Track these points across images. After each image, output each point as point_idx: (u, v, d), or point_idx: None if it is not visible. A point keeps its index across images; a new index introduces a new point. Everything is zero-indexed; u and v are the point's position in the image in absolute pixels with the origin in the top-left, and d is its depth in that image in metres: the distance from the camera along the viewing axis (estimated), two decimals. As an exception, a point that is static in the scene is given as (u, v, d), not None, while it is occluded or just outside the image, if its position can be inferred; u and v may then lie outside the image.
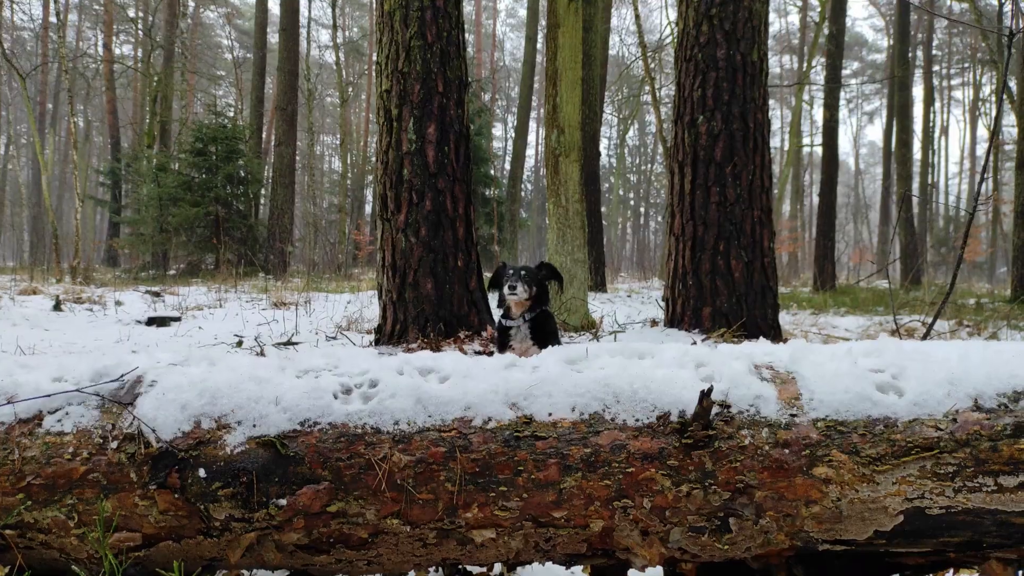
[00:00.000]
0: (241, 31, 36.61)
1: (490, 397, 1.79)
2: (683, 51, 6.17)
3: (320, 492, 1.72)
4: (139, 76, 26.23)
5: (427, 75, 5.23)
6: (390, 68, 5.27)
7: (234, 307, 9.73)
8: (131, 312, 8.62)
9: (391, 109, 5.28)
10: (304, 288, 12.94)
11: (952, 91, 42.32)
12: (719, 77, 5.87)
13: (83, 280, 14.09)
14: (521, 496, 1.72)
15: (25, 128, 40.79)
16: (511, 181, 26.22)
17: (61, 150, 37.45)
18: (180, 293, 11.88)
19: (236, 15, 36.79)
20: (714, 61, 5.86)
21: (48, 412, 1.85)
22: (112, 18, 26.57)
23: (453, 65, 5.33)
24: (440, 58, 5.24)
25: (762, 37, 5.90)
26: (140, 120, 26.41)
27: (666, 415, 1.74)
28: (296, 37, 20.19)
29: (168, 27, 22.89)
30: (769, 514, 1.69)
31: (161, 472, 1.74)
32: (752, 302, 5.78)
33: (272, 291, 12.38)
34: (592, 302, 11.48)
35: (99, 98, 30.95)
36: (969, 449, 1.66)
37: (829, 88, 15.02)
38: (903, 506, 1.66)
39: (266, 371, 1.90)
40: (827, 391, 1.75)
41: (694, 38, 6.00)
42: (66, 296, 9.99)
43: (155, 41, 23.40)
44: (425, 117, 5.20)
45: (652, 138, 44.57)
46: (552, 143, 7.81)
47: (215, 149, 18.42)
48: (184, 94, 24.81)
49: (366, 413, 1.78)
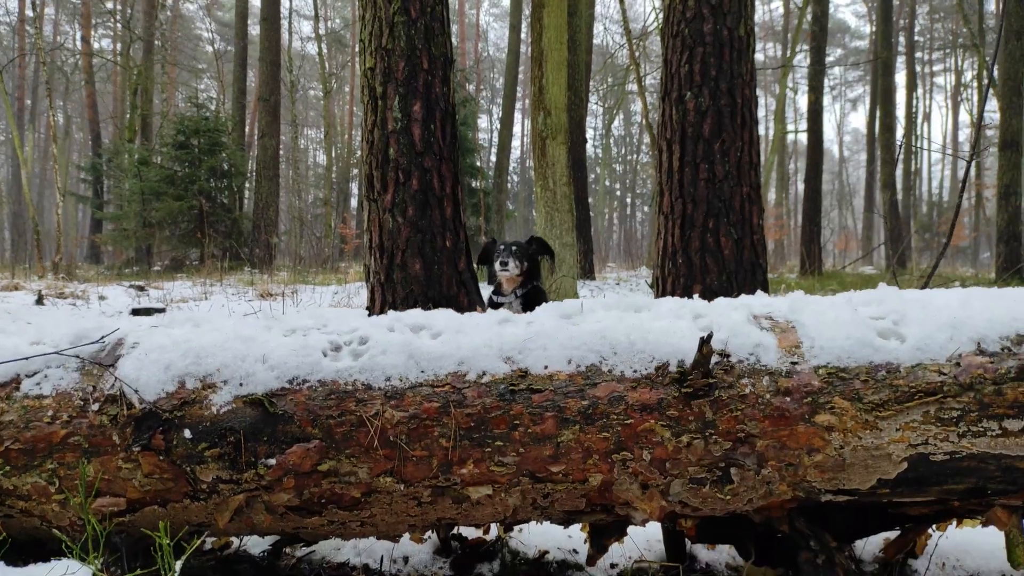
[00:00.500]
0: (221, 23, 36.21)
1: (484, 351, 1.74)
2: (669, 27, 6.12)
3: (310, 451, 1.67)
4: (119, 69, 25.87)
5: (411, 52, 5.15)
6: (374, 45, 5.19)
7: (220, 299, 9.61)
8: (115, 306, 8.49)
9: (375, 87, 5.20)
10: (291, 280, 12.82)
11: (934, 77, 42.59)
12: (706, 52, 5.82)
13: (66, 276, 13.88)
14: (517, 451, 1.67)
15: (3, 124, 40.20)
16: (497, 172, 26.13)
17: (41, 146, 36.94)
18: (165, 287, 11.73)
19: (216, 6, 36.38)
20: (701, 36, 5.81)
21: (26, 375, 1.78)
22: (90, 10, 26.18)
23: (438, 41, 5.25)
24: (425, 34, 5.16)
25: (749, 11, 5.87)
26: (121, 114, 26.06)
27: (664, 365, 1.70)
28: (278, 27, 19.97)
29: (147, 19, 22.55)
30: (771, 464, 1.65)
31: (145, 434, 1.68)
32: (742, 279, 5.76)
33: (258, 284, 12.26)
34: (581, 289, 11.45)
35: (78, 92, 30.53)
36: (973, 393, 1.63)
37: (814, 71, 15.02)
38: (907, 453, 1.63)
39: (252, 330, 1.84)
40: (828, 338, 1.71)
41: (680, 13, 5.95)
42: (48, 291, 9.84)
43: (134, 34, 23.06)
44: (410, 95, 5.13)
45: (638, 128, 44.58)
46: (539, 125, 7.76)
47: (197, 142, 18.18)
48: (165, 87, 24.48)
49: (356, 370, 1.73)
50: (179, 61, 29.49)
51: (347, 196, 33.49)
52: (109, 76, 29.50)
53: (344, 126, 37.59)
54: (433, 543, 2.16)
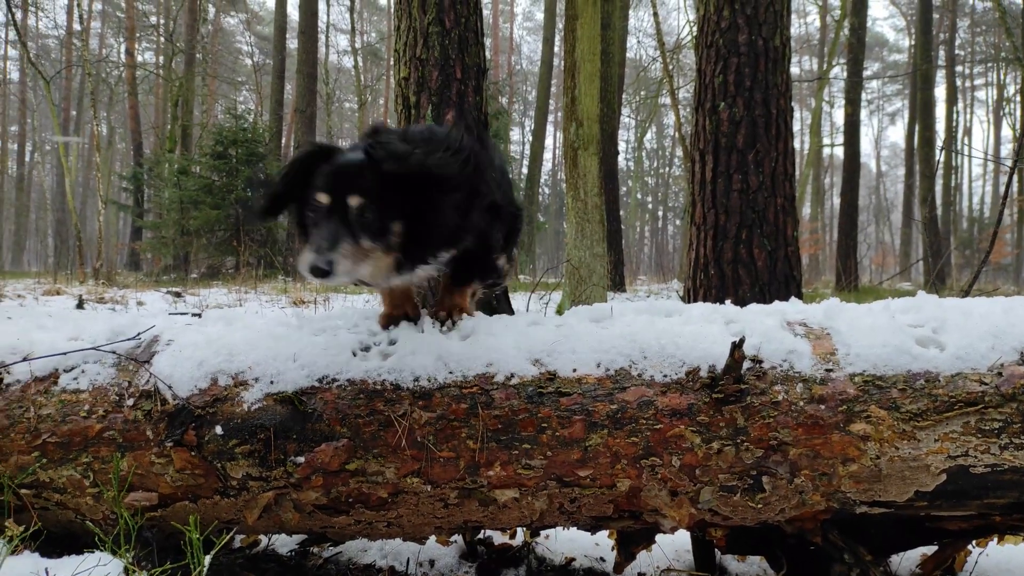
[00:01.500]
0: (261, 36, 36.95)
1: (512, 353, 1.74)
2: (703, 37, 6.09)
3: (339, 449, 1.68)
4: (161, 81, 26.53)
5: (445, 61, 5.19)
6: (408, 55, 5.24)
7: (254, 306, 9.76)
8: (152, 311, 8.66)
9: (409, 96, 5.25)
10: (324, 288, 12.96)
11: (975, 91, 41.74)
12: (740, 63, 5.77)
13: (106, 282, 14.22)
14: (545, 454, 1.66)
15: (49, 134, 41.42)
16: (529, 183, 26.19)
17: (85, 155, 37.97)
18: (200, 294, 11.95)
19: (256, 20, 37.14)
20: (735, 46, 5.78)
21: (64, 370, 1.82)
22: (134, 24, 26.91)
23: (471, 51, 5.29)
24: (458, 44, 5.20)
25: (785, 21, 5.82)
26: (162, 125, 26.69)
27: (695, 370, 1.68)
28: (315, 41, 20.33)
29: (189, 32, 23.13)
30: (804, 473, 1.62)
31: (177, 430, 1.71)
32: (776, 292, 5.67)
33: (291, 291, 12.42)
34: (611, 301, 11.40)
35: (122, 103, 31.36)
36: (1016, 404, 1.58)
37: (851, 83, 14.82)
38: (946, 464, 1.59)
39: (284, 329, 1.86)
40: (864, 345, 1.67)
41: (715, 23, 5.92)
42: (89, 296, 10.07)
43: (176, 47, 23.65)
44: (443, 104, 5.16)
45: (670, 141, 44.40)
46: (571, 136, 7.76)
47: (235, 152, 18.53)
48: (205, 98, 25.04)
49: (385, 370, 1.73)
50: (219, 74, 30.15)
51: (380, 207, 33.77)
52: (151, 88, 30.25)
53: (378, 137, 37.93)
54: (459, 547, 2.15)
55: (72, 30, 28.56)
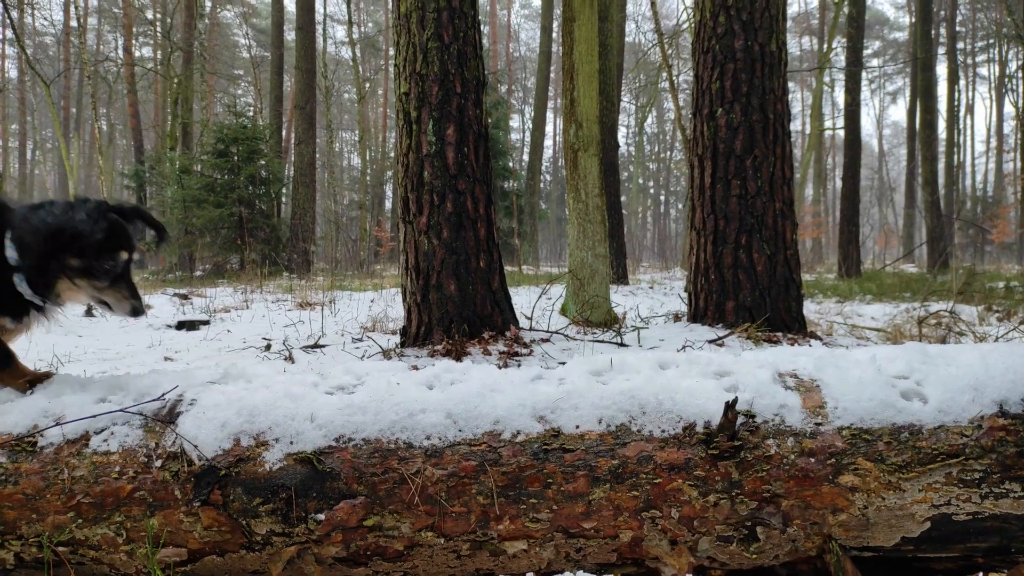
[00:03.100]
0: (258, 30, 36.86)
1: (518, 411, 1.83)
2: (700, 43, 6.14)
3: (356, 507, 1.78)
4: (160, 78, 26.53)
5: (445, 76, 5.26)
6: (408, 70, 5.31)
7: (260, 308, 9.87)
8: (161, 316, 8.77)
9: (410, 111, 5.32)
10: (328, 287, 13.08)
11: (977, 68, 41.49)
12: (737, 68, 5.83)
13: (112, 283, 14.30)
14: (551, 508, 1.76)
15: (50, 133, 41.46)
16: (530, 173, 26.21)
17: (86, 154, 38.02)
18: (207, 295, 12.06)
19: (253, 14, 37.02)
20: (732, 52, 5.83)
21: (94, 432, 1.92)
22: (132, 21, 26.88)
23: (470, 65, 5.35)
24: (457, 59, 5.27)
25: (780, 26, 5.86)
26: (162, 122, 26.73)
27: (691, 426, 1.77)
28: (312, 35, 20.31)
29: (186, 29, 23.10)
30: (796, 523, 1.72)
31: (204, 489, 1.81)
32: (776, 295, 5.76)
33: (297, 290, 12.53)
34: (614, 295, 11.48)
35: (121, 101, 31.38)
36: (995, 455, 1.68)
37: (850, 72, 14.80)
38: (930, 513, 1.68)
39: (300, 388, 1.96)
40: (852, 399, 1.77)
41: (711, 29, 5.96)
42: (97, 301, 10.17)
43: (174, 43, 23.64)
44: (444, 118, 5.24)
45: (671, 125, 44.26)
46: (571, 138, 7.81)
47: (236, 150, 18.61)
48: (204, 95, 25.06)
49: (398, 428, 1.83)
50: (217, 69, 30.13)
51: (381, 199, 33.86)
52: (151, 85, 30.26)
53: (378, 128, 37.98)
54: (471, 582, 2.25)
55: (69, 28, 28.53)
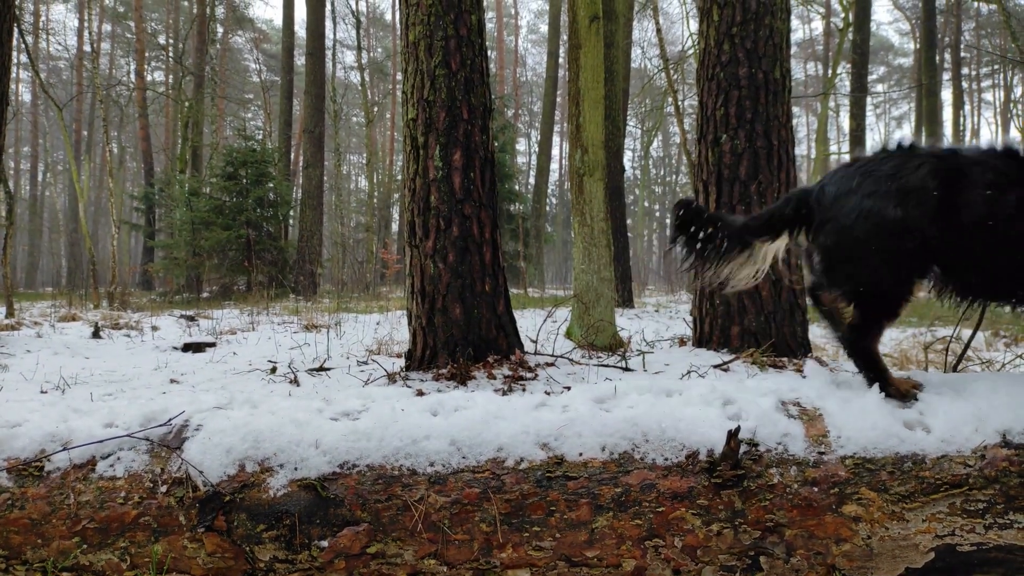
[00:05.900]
0: (268, 55, 37.35)
1: (522, 438, 1.84)
2: (705, 70, 6.20)
3: (360, 534, 1.78)
4: (171, 102, 26.87)
5: (452, 103, 5.32)
6: (416, 97, 5.37)
7: (266, 330, 9.89)
8: (167, 338, 8.81)
9: (417, 137, 5.37)
10: (334, 309, 13.11)
11: (982, 93, 41.65)
12: (741, 96, 5.88)
13: (120, 305, 14.41)
14: (554, 536, 1.76)
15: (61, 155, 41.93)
16: (536, 196, 26.33)
17: (97, 176, 38.40)
18: (214, 317, 12.10)
19: (264, 39, 37.54)
20: (736, 80, 5.88)
21: (101, 457, 1.93)
22: (144, 46, 27.28)
23: (477, 92, 5.41)
24: (464, 86, 5.33)
25: (784, 54, 5.92)
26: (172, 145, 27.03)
27: (695, 454, 1.78)
28: (322, 61, 20.56)
29: (198, 53, 23.44)
30: (800, 552, 1.71)
31: (209, 515, 1.82)
32: (781, 320, 5.76)
33: (303, 312, 12.57)
34: (619, 318, 11.47)
35: (132, 125, 31.73)
36: (999, 486, 1.67)
37: (855, 97, 14.89)
38: (933, 543, 1.68)
39: (305, 414, 1.97)
40: (855, 428, 1.77)
41: (715, 57, 6.02)
42: (104, 323, 10.24)
43: (185, 68, 23.97)
44: (451, 144, 5.29)
45: (676, 149, 44.48)
46: (576, 163, 7.87)
47: (245, 173, 18.78)
48: (214, 119, 25.36)
49: (403, 455, 1.84)
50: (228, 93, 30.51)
51: (388, 221, 34.04)
52: (161, 109, 30.65)
53: (385, 152, 38.29)
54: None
55: (83, 52, 28.97)
